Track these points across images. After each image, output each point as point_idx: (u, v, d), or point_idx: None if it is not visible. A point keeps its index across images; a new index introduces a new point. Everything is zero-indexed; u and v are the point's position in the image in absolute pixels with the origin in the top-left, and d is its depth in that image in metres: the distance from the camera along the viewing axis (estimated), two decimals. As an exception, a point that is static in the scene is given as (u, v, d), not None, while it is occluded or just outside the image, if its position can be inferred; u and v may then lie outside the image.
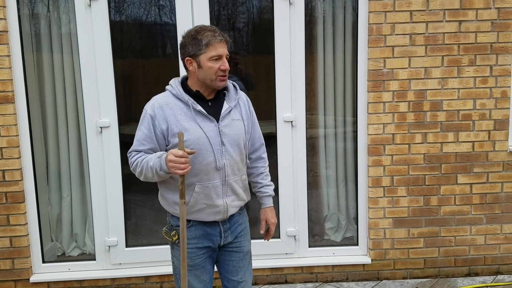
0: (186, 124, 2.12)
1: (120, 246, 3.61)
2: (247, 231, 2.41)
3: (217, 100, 2.22)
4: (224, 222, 2.28)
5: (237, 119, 2.23)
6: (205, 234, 2.25)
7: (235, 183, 2.24)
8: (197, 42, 2.10)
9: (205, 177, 2.16)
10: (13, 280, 3.50)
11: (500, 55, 3.47)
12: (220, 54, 2.11)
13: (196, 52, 2.11)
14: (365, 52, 3.50)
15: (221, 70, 2.11)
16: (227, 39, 2.16)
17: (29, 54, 3.46)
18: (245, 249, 2.37)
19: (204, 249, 2.27)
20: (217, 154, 2.15)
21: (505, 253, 3.71)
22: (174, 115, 2.13)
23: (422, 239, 3.67)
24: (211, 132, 2.14)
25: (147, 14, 3.59)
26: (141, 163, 2.14)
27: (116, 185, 3.53)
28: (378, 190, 3.59)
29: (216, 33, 2.11)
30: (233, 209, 2.28)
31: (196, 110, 2.13)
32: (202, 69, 2.12)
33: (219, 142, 2.16)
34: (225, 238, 2.30)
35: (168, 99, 2.18)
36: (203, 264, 2.28)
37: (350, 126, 3.75)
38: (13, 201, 3.41)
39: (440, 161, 3.57)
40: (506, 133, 3.57)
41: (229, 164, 2.19)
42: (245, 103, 2.32)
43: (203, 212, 2.21)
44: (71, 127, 3.58)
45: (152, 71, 3.75)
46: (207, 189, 2.18)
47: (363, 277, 3.71)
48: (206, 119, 2.15)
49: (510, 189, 3.63)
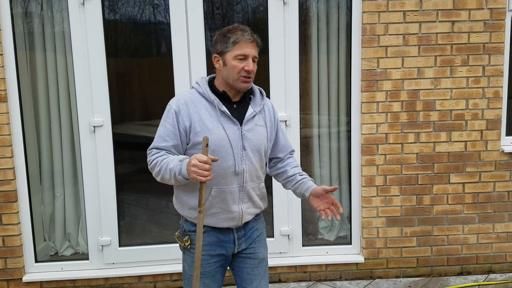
0: (209, 123, 2.05)
1: (113, 245, 3.60)
2: (263, 237, 2.31)
3: (242, 104, 2.15)
4: (238, 229, 2.19)
5: (260, 125, 2.16)
6: (219, 241, 2.17)
7: (252, 190, 2.16)
8: (226, 39, 2.05)
9: (222, 181, 2.08)
10: (6, 279, 3.49)
11: (493, 55, 3.50)
12: (246, 54, 2.04)
13: (223, 50, 2.06)
14: (359, 52, 3.51)
15: (244, 70, 2.04)
16: (258, 41, 2.08)
17: (22, 53, 3.44)
18: (260, 255, 2.27)
19: (217, 257, 2.18)
20: (237, 158, 2.08)
21: (497, 252, 3.74)
22: (198, 113, 2.06)
23: (415, 238, 3.69)
24: (233, 135, 2.07)
25: (141, 13, 3.58)
26: (160, 163, 2.03)
27: (109, 184, 3.52)
28: (371, 189, 3.61)
29: (246, 32, 2.05)
30: (248, 216, 2.19)
31: (221, 110, 2.07)
32: (226, 67, 2.06)
33: (240, 146, 2.08)
34: (239, 246, 2.21)
35: (193, 96, 2.10)
36: (213, 273, 2.19)
37: (344, 126, 3.76)
38: (6, 200, 3.40)
39: (432, 160, 3.59)
40: (498, 133, 3.59)
41: (248, 170, 2.11)
42: (270, 110, 2.24)
43: (217, 217, 2.12)
44: (64, 126, 3.57)
45: (146, 70, 3.75)
46: (223, 194, 2.10)
47: (356, 276, 3.73)
48: (230, 121, 2.08)
49: (502, 188, 3.66)
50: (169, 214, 3.82)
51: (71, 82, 3.48)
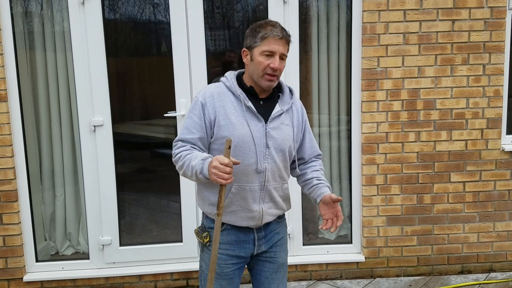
0: (233, 118, 2.00)
1: (114, 245, 3.60)
2: (285, 242, 2.25)
3: (270, 101, 2.09)
4: (259, 229, 2.13)
5: (286, 124, 2.09)
6: (238, 241, 2.11)
7: (274, 190, 2.09)
8: (255, 34, 2.01)
9: (243, 179, 2.02)
10: (6, 279, 3.49)
11: (493, 54, 3.49)
12: (273, 51, 1.98)
13: (252, 44, 2.02)
14: (359, 51, 3.51)
15: (270, 67, 1.99)
16: (288, 38, 2.03)
17: (22, 52, 3.44)
18: (280, 260, 2.21)
19: (235, 258, 2.12)
20: (260, 156, 2.02)
21: (497, 250, 3.74)
22: (223, 106, 2.01)
23: (416, 237, 3.68)
24: (258, 132, 2.01)
25: (141, 12, 3.58)
26: (183, 158, 1.98)
27: (109, 183, 3.52)
28: (371, 188, 3.61)
29: (276, 28, 2.00)
30: (269, 217, 2.12)
31: (247, 106, 2.02)
32: (253, 62, 2.02)
33: (264, 144, 2.02)
34: (259, 247, 2.14)
35: (220, 90, 2.06)
36: (231, 275, 2.13)
37: (344, 125, 3.76)
38: (6, 200, 3.40)
39: (433, 159, 3.59)
40: (499, 132, 3.59)
41: (270, 169, 2.04)
42: (299, 110, 2.17)
43: (237, 215, 2.07)
44: (65, 125, 3.57)
45: (146, 69, 3.74)
46: (244, 192, 2.04)
47: (357, 275, 3.73)
48: (255, 118, 2.02)
49: (502, 187, 3.65)
50: (169, 214, 3.82)
51: (71, 81, 3.48)
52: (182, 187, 3.57)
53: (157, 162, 3.88)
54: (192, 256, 3.65)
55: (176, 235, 3.69)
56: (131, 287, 3.61)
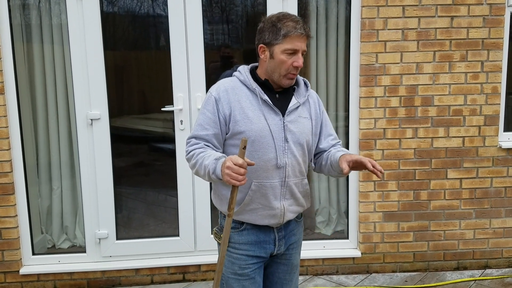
0: (250, 112, 1.94)
1: (110, 238, 3.60)
2: (300, 244, 2.22)
3: (285, 94, 2.03)
4: (279, 228, 2.07)
5: (304, 117, 2.03)
6: (258, 241, 2.05)
7: (295, 186, 2.03)
8: (276, 30, 1.92)
9: (263, 175, 1.96)
10: (3, 272, 3.49)
11: (492, 51, 3.49)
12: (297, 49, 1.92)
13: (272, 41, 1.93)
14: (358, 46, 3.50)
15: (293, 66, 1.93)
16: (309, 34, 1.96)
17: (19, 45, 3.42)
18: (294, 262, 2.18)
19: (255, 258, 2.06)
20: (279, 151, 1.95)
21: (493, 247, 3.75)
22: (238, 101, 1.95)
23: (412, 233, 3.69)
24: (275, 126, 1.95)
25: (139, 5, 3.56)
26: (197, 156, 1.92)
27: (106, 177, 3.52)
28: (368, 184, 3.61)
29: (299, 25, 1.91)
30: (290, 215, 2.05)
31: (263, 99, 1.95)
32: (273, 60, 1.94)
33: (282, 138, 1.96)
34: (279, 247, 2.09)
35: (234, 84, 2.00)
36: (253, 275, 2.06)
37: (342, 121, 3.76)
38: (3, 193, 3.39)
39: (430, 156, 3.59)
40: (496, 129, 3.59)
41: (290, 164, 1.98)
42: (315, 102, 2.12)
43: (257, 214, 2.00)
44: (62, 118, 3.56)
45: (144, 63, 3.73)
46: (264, 188, 1.97)
47: (353, 270, 3.74)
48: (271, 111, 1.96)
49: (499, 184, 3.66)
50: (166, 208, 3.83)
51: (68, 74, 3.47)
52: (179, 182, 3.57)
53: (154, 156, 3.88)
54: (188, 250, 3.66)
55: (173, 229, 3.69)
56: (128, 280, 3.61)
